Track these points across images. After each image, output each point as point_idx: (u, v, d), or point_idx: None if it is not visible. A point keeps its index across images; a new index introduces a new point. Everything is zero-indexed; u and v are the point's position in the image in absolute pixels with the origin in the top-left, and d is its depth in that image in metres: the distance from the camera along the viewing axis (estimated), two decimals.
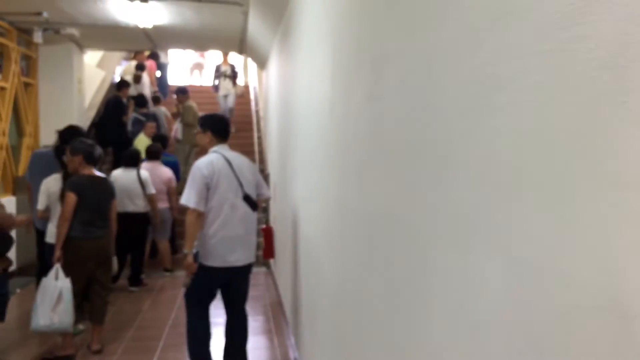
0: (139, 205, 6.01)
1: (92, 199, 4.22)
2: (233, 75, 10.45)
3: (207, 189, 3.46)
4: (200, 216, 3.47)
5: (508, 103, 1.01)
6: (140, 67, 9.93)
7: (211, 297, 3.68)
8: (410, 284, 1.52)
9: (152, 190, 6.10)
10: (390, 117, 1.71)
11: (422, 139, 1.43)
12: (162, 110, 9.31)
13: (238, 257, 3.56)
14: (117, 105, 8.37)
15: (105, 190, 4.40)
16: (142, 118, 8.18)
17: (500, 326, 1.03)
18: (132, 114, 8.34)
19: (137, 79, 9.64)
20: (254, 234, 3.68)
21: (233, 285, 3.68)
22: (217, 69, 10.44)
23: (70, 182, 4.20)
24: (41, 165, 4.90)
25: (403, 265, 1.58)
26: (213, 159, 3.55)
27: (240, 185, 3.56)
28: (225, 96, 10.31)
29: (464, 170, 1.18)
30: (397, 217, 1.64)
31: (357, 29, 2.18)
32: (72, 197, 4.11)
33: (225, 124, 3.79)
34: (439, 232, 1.31)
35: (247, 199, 3.58)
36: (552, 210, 0.87)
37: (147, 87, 9.88)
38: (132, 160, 6.13)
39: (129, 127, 8.27)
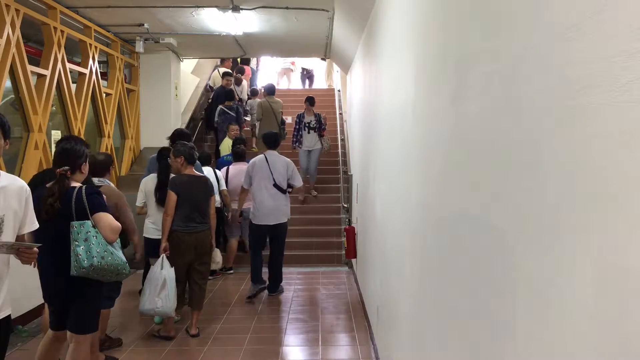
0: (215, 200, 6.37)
1: (191, 196, 4.57)
2: (319, 127, 8.64)
3: (250, 176, 5.84)
4: (246, 191, 6.00)
5: (599, 104, 0.98)
6: (240, 71, 10.53)
7: (261, 243, 5.96)
8: (493, 287, 1.51)
9: (224, 186, 6.52)
10: (474, 119, 1.71)
11: (508, 140, 1.42)
12: (257, 102, 9.80)
13: (270, 219, 5.80)
14: (219, 94, 9.40)
15: (204, 188, 4.72)
16: (227, 110, 8.77)
17: (590, 332, 1.00)
18: (219, 107, 8.95)
19: (238, 82, 10.18)
20: (283, 205, 5.86)
21: (272, 236, 5.91)
22: (300, 119, 8.66)
23: (171, 181, 4.61)
24: (154, 168, 5.34)
25: (486, 267, 1.56)
26: (256, 159, 5.89)
27: (272, 175, 5.78)
28: (309, 152, 8.60)
29: (551, 172, 1.16)
30: (480, 219, 1.64)
31: (441, 31, 2.19)
32: (172, 195, 4.52)
33: (274, 140, 6.03)
34: (524, 234, 1.30)
35: (276, 185, 5.81)
36: None
37: (245, 90, 10.51)
38: (206, 160, 6.56)
39: (215, 118, 8.93)
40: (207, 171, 6.34)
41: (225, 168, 6.91)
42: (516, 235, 1.35)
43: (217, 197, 6.40)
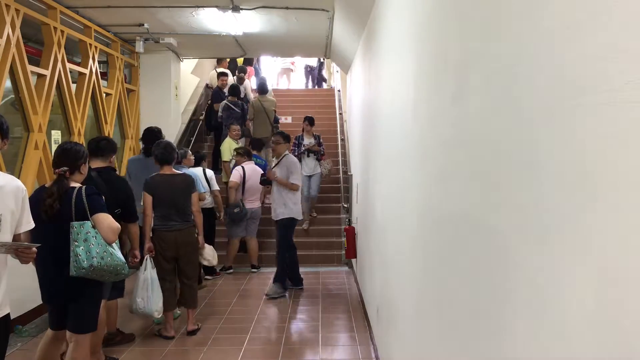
0: (205, 200, 6.39)
1: (166, 195, 4.62)
2: (319, 150, 8.12)
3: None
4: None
5: (598, 104, 0.98)
6: (242, 70, 10.50)
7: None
8: (493, 287, 1.51)
9: (216, 187, 6.59)
10: (473, 119, 1.72)
11: (507, 140, 1.42)
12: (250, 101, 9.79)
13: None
14: (216, 95, 9.55)
15: (181, 186, 4.72)
16: (232, 105, 8.81)
17: (590, 332, 1.00)
18: (223, 102, 8.99)
19: (241, 81, 10.19)
20: None
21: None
22: (298, 141, 8.09)
23: (145, 182, 4.66)
24: (135, 169, 5.36)
25: (486, 268, 1.56)
26: (295, 159, 6.34)
27: (302, 172, 6.72)
28: (309, 177, 8.07)
29: (550, 172, 1.16)
30: (480, 219, 1.64)
31: (440, 32, 2.19)
32: (146, 197, 4.60)
33: (289, 138, 6.47)
34: (524, 234, 1.30)
35: None
36: None
37: (249, 89, 10.47)
38: (198, 161, 6.65)
39: (220, 112, 8.98)
40: (197, 171, 6.34)
41: (240, 167, 6.91)
42: (516, 236, 1.35)
43: (209, 198, 6.43)
